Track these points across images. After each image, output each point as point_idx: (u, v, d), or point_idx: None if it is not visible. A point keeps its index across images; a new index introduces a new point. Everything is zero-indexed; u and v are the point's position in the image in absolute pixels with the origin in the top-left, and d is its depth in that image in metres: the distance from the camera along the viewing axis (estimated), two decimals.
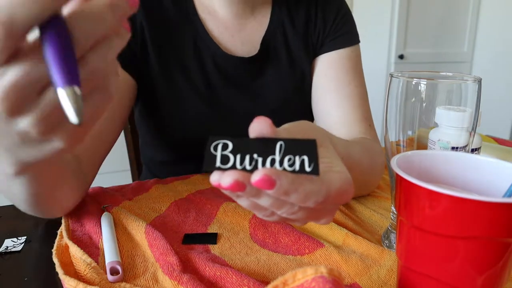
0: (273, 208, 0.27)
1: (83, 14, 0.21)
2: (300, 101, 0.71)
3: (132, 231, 0.45)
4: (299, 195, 0.25)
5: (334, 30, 0.70)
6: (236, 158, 0.25)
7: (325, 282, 0.27)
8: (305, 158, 0.25)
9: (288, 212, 0.28)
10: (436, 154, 0.35)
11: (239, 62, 0.67)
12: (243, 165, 0.25)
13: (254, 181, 0.24)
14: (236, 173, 0.24)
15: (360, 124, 0.64)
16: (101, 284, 0.35)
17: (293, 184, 0.25)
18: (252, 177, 0.24)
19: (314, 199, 0.26)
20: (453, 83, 0.40)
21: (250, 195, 0.26)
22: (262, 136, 0.27)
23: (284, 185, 0.24)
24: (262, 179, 0.24)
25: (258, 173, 0.24)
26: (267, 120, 0.27)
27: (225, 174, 0.25)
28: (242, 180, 0.24)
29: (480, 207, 0.26)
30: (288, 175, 0.25)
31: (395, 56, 2.57)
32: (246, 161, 0.25)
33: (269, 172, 0.24)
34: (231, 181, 0.24)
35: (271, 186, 0.24)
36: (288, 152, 0.26)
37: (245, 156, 0.26)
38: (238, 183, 0.24)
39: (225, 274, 0.36)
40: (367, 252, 0.41)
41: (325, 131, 0.37)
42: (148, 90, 0.65)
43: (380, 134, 0.52)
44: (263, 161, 0.25)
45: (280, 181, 0.24)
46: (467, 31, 2.79)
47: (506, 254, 0.27)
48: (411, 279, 0.31)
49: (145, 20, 0.62)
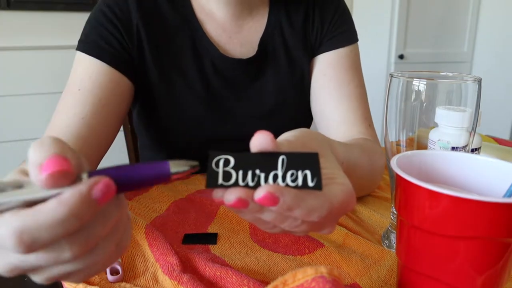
0: (276, 222, 0.27)
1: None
2: (300, 102, 0.71)
3: (132, 231, 0.45)
4: (302, 210, 0.25)
5: (332, 29, 0.69)
6: (238, 175, 0.25)
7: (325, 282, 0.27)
8: (308, 173, 0.25)
9: (291, 226, 0.28)
10: (436, 154, 0.35)
11: (237, 64, 0.66)
12: (246, 182, 0.25)
13: (257, 198, 0.24)
14: (239, 191, 0.24)
15: (360, 124, 0.64)
16: (101, 284, 0.35)
17: (296, 200, 0.25)
18: (255, 194, 0.24)
19: (318, 214, 0.26)
20: (453, 83, 0.40)
21: (253, 211, 0.26)
22: (264, 150, 0.26)
23: (287, 201, 0.24)
24: (265, 196, 0.24)
25: (261, 190, 0.24)
26: (268, 134, 0.26)
27: (228, 192, 0.25)
28: (245, 197, 0.24)
29: (480, 207, 0.26)
30: (291, 191, 0.25)
31: (395, 56, 2.57)
32: (248, 177, 0.25)
33: (272, 189, 0.24)
34: (234, 198, 0.24)
35: (275, 203, 0.24)
36: (290, 167, 0.26)
37: (247, 172, 0.25)
38: (241, 200, 0.24)
39: (225, 274, 0.36)
40: (367, 252, 0.41)
41: (324, 137, 0.37)
42: (146, 92, 0.65)
43: (380, 134, 0.52)
44: (265, 177, 0.25)
45: (283, 197, 0.24)
46: (467, 31, 2.79)
47: (506, 254, 0.27)
48: (411, 279, 0.31)
49: (141, 22, 0.62)
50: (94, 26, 0.60)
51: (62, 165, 0.21)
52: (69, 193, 0.21)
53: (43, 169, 0.21)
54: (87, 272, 0.25)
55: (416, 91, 0.40)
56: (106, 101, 0.57)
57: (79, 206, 0.21)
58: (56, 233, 0.21)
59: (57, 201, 0.21)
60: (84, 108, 0.56)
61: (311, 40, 0.70)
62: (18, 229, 0.20)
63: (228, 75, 0.67)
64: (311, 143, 0.33)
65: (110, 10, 0.61)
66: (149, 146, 0.74)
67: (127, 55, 0.61)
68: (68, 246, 0.22)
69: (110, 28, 0.60)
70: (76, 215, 0.21)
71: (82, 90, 0.57)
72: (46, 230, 0.21)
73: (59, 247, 0.22)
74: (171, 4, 0.65)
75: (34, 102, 1.93)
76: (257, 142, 0.27)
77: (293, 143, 0.31)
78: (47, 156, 0.22)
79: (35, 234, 0.20)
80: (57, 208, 0.21)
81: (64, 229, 0.21)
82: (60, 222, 0.21)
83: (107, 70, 0.59)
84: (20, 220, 0.21)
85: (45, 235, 0.21)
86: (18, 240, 0.20)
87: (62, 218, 0.21)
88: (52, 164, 0.21)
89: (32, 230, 0.20)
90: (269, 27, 0.69)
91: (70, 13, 1.97)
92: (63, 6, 1.95)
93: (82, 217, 0.21)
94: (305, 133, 0.34)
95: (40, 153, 0.22)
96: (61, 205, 0.21)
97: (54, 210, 0.21)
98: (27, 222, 0.21)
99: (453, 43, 2.78)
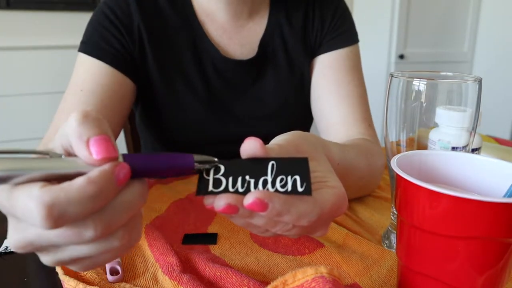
0: (267, 227, 0.28)
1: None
2: (300, 102, 0.71)
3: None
4: (292, 215, 0.26)
5: (332, 30, 0.69)
6: (228, 181, 0.26)
7: (325, 282, 0.27)
8: (297, 178, 0.26)
9: (283, 230, 0.28)
10: (436, 154, 0.35)
11: (238, 65, 0.66)
12: (236, 188, 0.26)
13: (246, 204, 0.24)
14: (228, 197, 0.25)
15: (360, 124, 0.64)
16: (101, 284, 0.35)
17: (285, 206, 0.25)
18: (244, 200, 0.24)
19: (308, 219, 0.26)
20: (453, 83, 0.40)
21: (244, 216, 0.26)
22: (254, 156, 0.27)
23: (276, 207, 0.25)
24: (254, 202, 0.24)
25: (251, 196, 0.24)
26: (257, 141, 0.27)
27: (217, 198, 0.25)
28: (234, 203, 0.25)
29: (480, 207, 0.26)
30: (280, 197, 0.25)
31: (395, 56, 2.57)
32: (238, 183, 0.26)
33: (261, 195, 0.24)
34: (224, 204, 0.25)
35: (264, 209, 0.24)
36: (280, 172, 0.26)
37: (237, 179, 0.26)
38: (230, 206, 0.25)
39: (225, 274, 0.36)
40: (367, 252, 0.41)
41: (318, 139, 0.37)
42: (148, 93, 0.65)
43: (380, 134, 0.52)
44: (255, 183, 0.26)
45: (273, 203, 0.24)
46: (467, 31, 2.79)
47: (506, 254, 0.27)
48: (411, 279, 0.31)
49: (142, 23, 0.62)
50: (95, 28, 0.61)
51: (111, 152, 0.23)
52: (97, 172, 0.23)
53: (96, 152, 0.23)
54: (96, 260, 0.25)
55: (416, 91, 0.40)
56: (108, 101, 0.58)
57: (105, 185, 0.22)
58: (84, 209, 0.22)
59: (87, 179, 0.22)
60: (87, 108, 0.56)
61: (311, 41, 0.70)
62: (49, 202, 0.21)
63: (228, 76, 0.67)
64: (303, 146, 0.33)
65: (111, 12, 0.61)
66: (151, 146, 0.75)
67: (128, 56, 0.61)
68: (93, 224, 0.23)
69: (112, 29, 0.60)
70: (103, 193, 0.22)
71: (84, 90, 0.57)
72: (75, 205, 0.21)
73: (83, 225, 0.23)
74: (172, 5, 0.65)
75: (34, 102, 1.93)
76: (247, 148, 0.27)
77: (284, 147, 0.31)
78: (96, 134, 0.23)
79: (65, 209, 0.21)
80: (86, 186, 0.22)
81: (91, 206, 0.22)
82: (89, 198, 0.22)
83: (109, 71, 0.59)
84: (51, 194, 0.21)
85: (74, 211, 0.22)
86: (48, 214, 0.21)
87: (91, 195, 0.22)
88: (103, 148, 0.23)
89: (62, 205, 0.21)
90: (269, 28, 0.69)
91: (70, 13, 1.97)
92: (63, 6, 1.95)
93: (107, 196, 0.23)
94: (298, 136, 0.34)
95: (87, 129, 0.23)
96: (90, 183, 0.22)
97: (84, 187, 0.22)
98: (59, 197, 0.21)
99: (453, 43, 2.78)
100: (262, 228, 0.29)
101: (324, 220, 0.29)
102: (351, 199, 0.56)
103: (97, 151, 0.23)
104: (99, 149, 0.23)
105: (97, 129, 0.23)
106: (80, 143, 0.23)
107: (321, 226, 0.30)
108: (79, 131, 0.23)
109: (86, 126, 0.23)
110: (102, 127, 0.24)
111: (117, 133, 0.62)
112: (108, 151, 0.23)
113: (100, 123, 0.24)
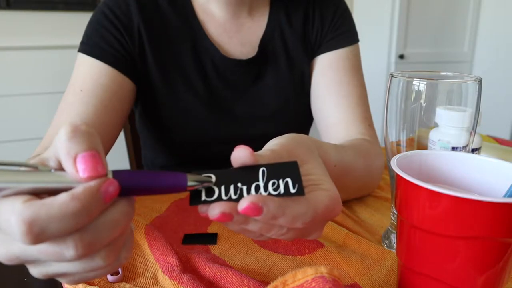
0: (262, 231, 0.28)
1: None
2: (300, 102, 0.71)
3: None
4: (287, 218, 0.26)
5: (332, 30, 0.69)
6: (221, 190, 0.26)
7: (325, 282, 0.27)
8: (289, 180, 0.26)
9: (278, 234, 0.28)
10: (436, 154, 0.35)
11: (238, 65, 0.66)
12: (229, 195, 0.26)
13: (241, 209, 0.24)
14: (222, 205, 0.25)
15: (359, 124, 0.64)
16: (101, 284, 0.35)
17: (280, 208, 0.25)
18: (238, 205, 0.24)
19: (302, 221, 0.26)
20: (453, 83, 0.40)
21: (239, 223, 0.26)
22: (245, 164, 0.27)
23: (271, 210, 0.25)
24: (248, 207, 0.24)
25: (244, 201, 0.24)
26: (247, 149, 0.27)
27: (211, 207, 0.25)
28: (228, 211, 0.25)
29: (480, 207, 0.26)
30: (274, 200, 0.25)
31: (395, 56, 2.57)
32: (231, 191, 0.26)
33: (255, 199, 0.24)
34: (218, 213, 0.25)
35: (259, 213, 0.24)
36: (271, 177, 0.26)
37: (230, 186, 0.26)
38: (225, 214, 0.25)
39: (225, 274, 0.36)
40: (367, 252, 0.41)
41: (313, 142, 0.37)
42: (148, 93, 0.65)
43: (380, 134, 0.52)
44: (247, 189, 0.26)
45: (267, 206, 0.24)
46: (467, 31, 2.79)
47: (506, 254, 0.27)
48: (411, 279, 0.31)
49: (142, 23, 0.62)
50: (95, 28, 0.61)
51: (98, 171, 0.23)
52: (82, 189, 0.22)
53: (82, 169, 0.22)
54: (82, 276, 0.25)
55: (416, 91, 0.40)
56: (108, 101, 0.58)
57: (90, 202, 0.22)
58: (65, 226, 0.21)
59: (70, 195, 0.21)
60: (87, 108, 0.56)
61: (311, 41, 0.70)
62: (29, 218, 0.20)
63: (228, 75, 0.67)
64: (296, 150, 0.32)
65: (111, 12, 0.61)
66: (151, 146, 0.75)
67: (128, 56, 0.61)
68: (74, 244, 0.22)
69: (112, 29, 0.60)
70: (86, 210, 0.22)
71: (84, 90, 0.57)
72: (57, 222, 0.21)
73: (64, 244, 0.22)
74: (172, 5, 0.65)
75: (34, 102, 1.93)
76: (237, 157, 0.27)
77: (277, 152, 0.31)
78: (84, 150, 0.23)
79: (45, 225, 0.21)
80: (69, 202, 0.21)
81: (74, 223, 0.21)
82: (71, 215, 0.21)
83: (108, 71, 0.59)
84: (32, 210, 0.21)
85: (55, 228, 0.21)
86: (28, 230, 0.20)
87: (74, 212, 0.21)
88: (90, 166, 0.23)
89: (43, 221, 0.21)
90: (269, 28, 0.69)
91: (70, 13, 1.97)
92: (63, 6, 1.95)
93: (91, 213, 0.22)
94: (291, 140, 0.34)
95: (75, 144, 0.23)
96: (73, 200, 0.21)
97: (66, 204, 0.21)
98: (39, 212, 0.21)
99: (453, 43, 2.78)
100: (257, 233, 0.29)
101: (318, 222, 0.29)
102: (351, 199, 0.56)
103: (83, 169, 0.22)
104: (86, 166, 0.22)
105: (85, 144, 0.23)
106: (68, 159, 0.23)
107: (315, 229, 0.30)
108: (68, 146, 0.23)
109: (75, 141, 0.23)
110: (92, 142, 0.23)
111: (117, 133, 0.62)
112: (94, 169, 0.23)
113: (89, 138, 0.23)
